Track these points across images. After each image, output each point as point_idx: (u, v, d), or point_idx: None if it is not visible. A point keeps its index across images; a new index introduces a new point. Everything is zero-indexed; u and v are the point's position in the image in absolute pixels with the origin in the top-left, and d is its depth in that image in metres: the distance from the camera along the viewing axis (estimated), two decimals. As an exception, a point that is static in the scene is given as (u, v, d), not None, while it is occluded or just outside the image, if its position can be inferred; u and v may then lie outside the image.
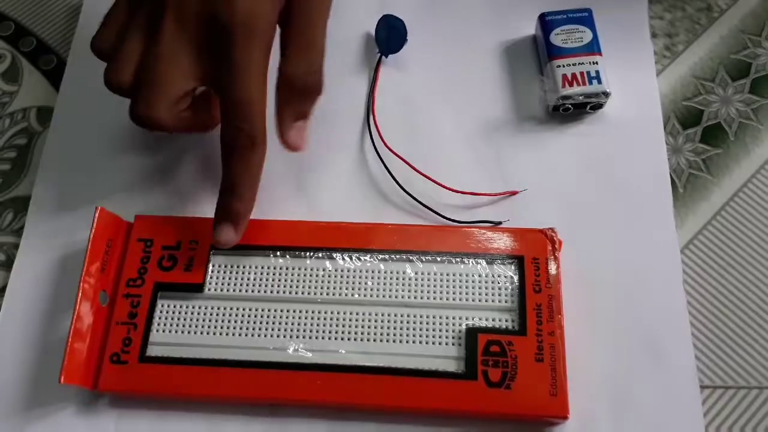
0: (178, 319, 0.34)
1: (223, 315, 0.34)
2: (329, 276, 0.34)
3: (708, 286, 0.35)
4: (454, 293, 0.33)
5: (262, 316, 0.34)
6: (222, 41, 0.31)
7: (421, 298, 0.33)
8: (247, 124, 0.32)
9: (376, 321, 0.33)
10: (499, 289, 0.33)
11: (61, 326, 0.35)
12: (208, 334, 0.33)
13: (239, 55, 0.31)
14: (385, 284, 0.34)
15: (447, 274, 0.34)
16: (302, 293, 0.34)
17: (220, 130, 0.33)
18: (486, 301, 0.33)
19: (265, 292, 0.34)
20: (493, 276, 0.34)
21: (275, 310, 0.34)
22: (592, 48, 0.38)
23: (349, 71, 0.42)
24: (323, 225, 0.36)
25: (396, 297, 0.34)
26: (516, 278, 0.33)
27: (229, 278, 0.35)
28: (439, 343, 0.32)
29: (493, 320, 0.33)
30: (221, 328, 0.33)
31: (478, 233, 0.35)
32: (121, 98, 0.37)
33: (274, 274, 0.34)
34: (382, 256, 0.34)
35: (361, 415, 0.32)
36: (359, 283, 0.34)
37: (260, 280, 0.34)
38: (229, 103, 0.32)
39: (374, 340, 0.33)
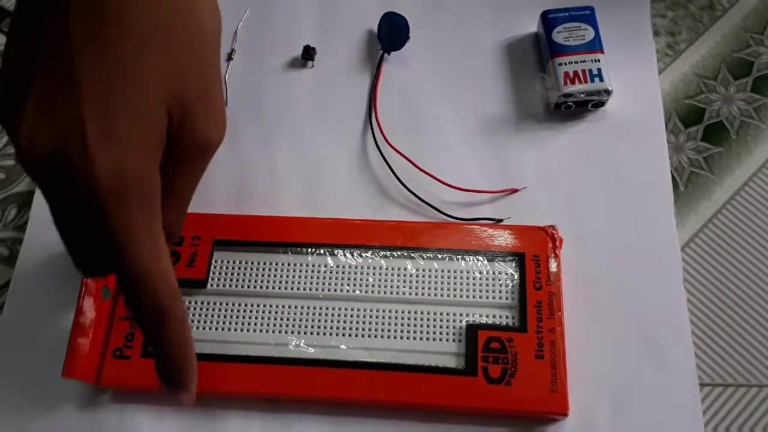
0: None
1: (225, 310, 0.34)
2: (331, 272, 0.34)
3: (708, 285, 0.35)
4: (454, 290, 0.34)
5: (263, 312, 0.34)
6: (89, 206, 0.23)
7: (422, 294, 0.34)
8: (149, 297, 0.25)
9: (377, 317, 0.33)
10: (500, 285, 0.34)
11: (64, 321, 0.35)
12: (210, 329, 0.34)
13: (115, 224, 0.24)
14: (386, 281, 0.34)
15: (448, 271, 0.34)
16: (304, 289, 0.34)
17: (124, 300, 0.28)
18: (486, 297, 0.33)
19: (267, 288, 0.34)
20: (493, 273, 0.34)
21: (277, 306, 0.34)
22: (594, 46, 0.38)
23: (351, 68, 0.42)
24: (325, 221, 0.36)
25: (397, 293, 0.34)
26: (516, 275, 0.34)
27: (232, 274, 0.35)
28: (440, 340, 0.33)
29: (494, 317, 0.33)
30: (223, 323, 0.34)
31: (479, 230, 0.35)
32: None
33: (276, 271, 0.35)
34: (384, 253, 0.35)
35: (361, 411, 0.33)
36: (360, 280, 0.34)
37: (262, 276, 0.35)
38: (120, 276, 0.25)
39: (375, 336, 0.33)
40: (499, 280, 0.34)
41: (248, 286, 0.34)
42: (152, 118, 0.24)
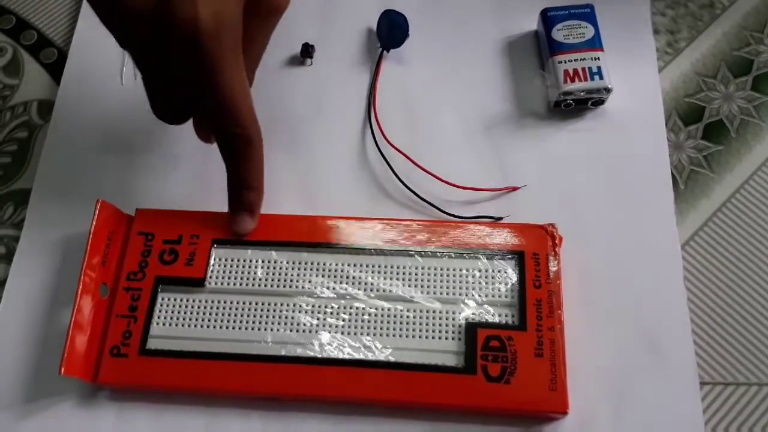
0: (179, 312, 0.34)
1: (224, 309, 0.34)
2: (329, 270, 0.34)
3: (708, 283, 0.35)
4: (454, 288, 0.33)
5: (262, 310, 0.34)
6: (189, 46, 0.28)
7: (422, 292, 0.33)
8: (238, 126, 0.31)
9: (376, 315, 0.33)
10: (499, 284, 0.33)
11: (62, 319, 0.35)
12: (208, 327, 0.33)
13: (214, 60, 0.29)
14: (385, 279, 0.34)
15: (447, 269, 0.34)
16: (303, 287, 0.34)
17: (213, 133, 0.33)
18: (486, 296, 0.33)
19: (265, 286, 0.34)
20: (493, 271, 0.34)
21: (275, 304, 0.34)
22: (594, 44, 0.38)
23: (351, 66, 0.42)
24: (324, 220, 0.36)
25: (396, 292, 0.34)
26: (516, 274, 0.33)
27: (230, 272, 0.35)
28: (439, 338, 0.32)
29: (493, 315, 0.33)
30: (222, 321, 0.33)
31: (479, 229, 0.35)
32: (122, 93, 0.37)
33: (275, 269, 0.34)
34: (383, 251, 0.34)
35: (360, 409, 0.32)
36: (359, 278, 0.34)
37: (261, 274, 0.34)
38: (214, 109, 0.31)
39: (374, 335, 0.33)
40: (499, 278, 0.34)
41: (247, 285, 0.34)
42: None
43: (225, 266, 0.35)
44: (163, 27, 0.28)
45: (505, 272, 0.34)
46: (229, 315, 0.34)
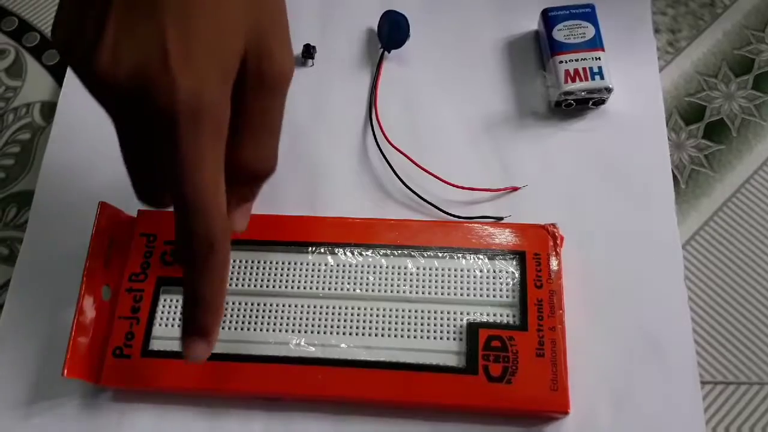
0: (181, 313, 0.34)
1: (226, 309, 0.34)
2: (331, 271, 0.34)
3: (709, 282, 0.35)
4: (455, 288, 0.34)
5: (264, 311, 0.34)
6: (164, 128, 0.24)
7: (423, 293, 0.34)
8: (201, 227, 0.25)
9: (377, 316, 0.33)
10: (501, 284, 0.33)
11: (64, 320, 0.35)
12: (210, 328, 0.33)
13: (186, 148, 0.24)
14: (386, 279, 0.34)
15: (448, 270, 0.34)
16: (304, 288, 0.34)
17: (176, 231, 0.27)
18: (487, 296, 0.33)
19: (267, 287, 0.34)
20: (494, 271, 0.34)
21: (277, 305, 0.34)
22: (595, 44, 0.38)
23: (351, 66, 0.42)
24: (325, 220, 0.36)
25: (397, 292, 0.34)
26: (517, 273, 0.34)
27: (232, 273, 0.35)
28: (440, 338, 0.33)
29: (494, 315, 0.33)
30: (223, 322, 0.34)
31: (480, 229, 0.35)
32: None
33: (276, 269, 0.35)
34: (384, 252, 0.35)
35: (362, 409, 0.33)
36: (361, 278, 0.34)
37: (262, 275, 0.34)
38: (178, 202, 0.25)
39: (376, 335, 0.33)
40: (500, 278, 0.34)
41: (248, 285, 0.34)
42: (231, 44, 0.25)
43: (227, 267, 0.35)
44: (137, 104, 0.24)
45: (506, 272, 0.34)
46: (230, 316, 0.34)
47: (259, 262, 0.35)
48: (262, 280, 0.34)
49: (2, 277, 0.38)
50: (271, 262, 0.35)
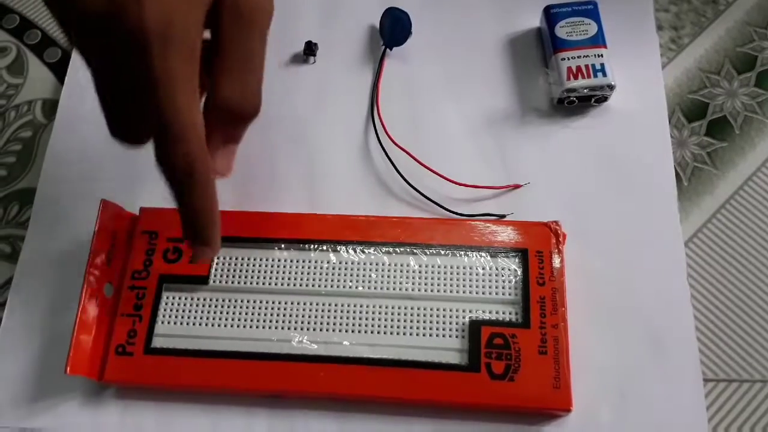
0: (183, 310, 0.34)
1: (228, 307, 0.34)
2: (333, 268, 0.34)
3: (712, 280, 0.35)
4: (457, 286, 0.33)
5: (266, 308, 0.34)
6: (135, 52, 0.25)
7: (425, 290, 0.34)
8: (179, 147, 0.26)
9: (380, 313, 0.33)
10: (503, 281, 0.33)
11: (67, 318, 0.35)
12: (212, 325, 0.34)
13: (158, 69, 0.25)
14: (389, 277, 0.34)
15: (451, 267, 0.34)
16: (306, 285, 0.34)
17: (154, 153, 0.28)
18: (490, 293, 0.33)
19: (269, 284, 0.34)
20: (496, 269, 0.34)
21: (280, 302, 0.34)
22: (597, 41, 0.38)
23: (353, 64, 0.42)
24: (327, 218, 0.36)
25: (400, 289, 0.34)
26: (520, 271, 0.34)
27: (234, 270, 0.35)
28: (443, 336, 0.33)
29: (497, 313, 0.33)
30: (226, 320, 0.34)
31: (482, 226, 0.35)
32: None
33: (278, 267, 0.35)
34: (386, 249, 0.35)
35: (364, 407, 0.33)
36: (363, 276, 0.34)
37: (265, 272, 0.34)
38: (155, 126, 0.27)
39: (378, 333, 0.33)
40: (502, 276, 0.34)
41: (250, 283, 0.34)
42: None
43: (229, 264, 0.35)
44: (110, 29, 0.25)
45: (509, 270, 0.34)
46: (233, 313, 0.34)
47: (261, 260, 0.35)
48: (264, 278, 0.34)
49: (4, 275, 0.38)
50: (273, 260, 0.35)
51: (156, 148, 0.27)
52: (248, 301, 0.34)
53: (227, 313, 0.34)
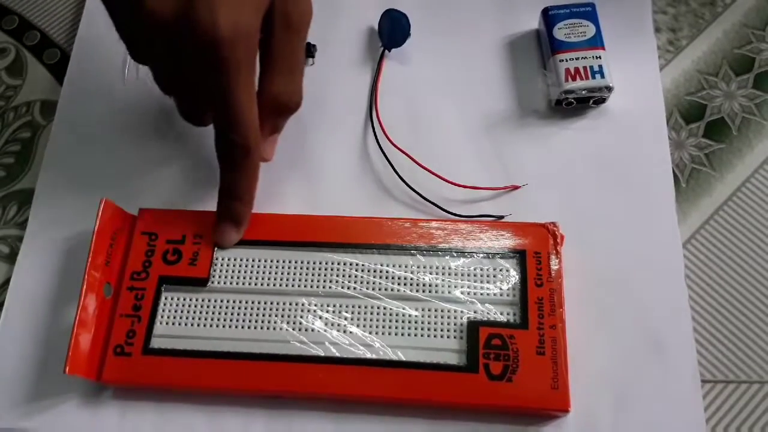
0: (182, 312, 0.34)
1: (227, 308, 0.34)
2: (331, 269, 0.34)
3: (710, 281, 0.35)
4: (456, 287, 0.34)
5: (265, 309, 0.34)
6: (206, 57, 0.29)
7: (423, 291, 0.34)
8: (239, 136, 0.32)
9: (378, 314, 0.33)
10: (501, 282, 0.33)
11: (65, 318, 0.35)
12: (211, 326, 0.34)
13: (226, 71, 0.30)
14: (387, 278, 0.34)
15: (449, 268, 0.34)
16: (305, 286, 0.34)
17: (214, 139, 0.33)
18: (488, 294, 0.33)
19: (268, 285, 0.34)
20: (494, 270, 0.34)
21: (278, 303, 0.34)
22: (596, 42, 0.38)
23: (352, 65, 0.42)
24: (326, 219, 0.36)
25: (398, 290, 0.34)
26: (518, 272, 0.34)
27: (234, 272, 0.35)
28: (441, 336, 0.33)
29: (495, 313, 0.33)
30: (225, 321, 0.34)
31: (480, 227, 0.35)
32: (124, 93, 0.37)
33: (277, 268, 0.35)
34: (384, 250, 0.35)
35: (362, 408, 0.33)
36: (361, 277, 0.34)
37: (264, 273, 0.35)
38: (219, 117, 0.32)
39: (376, 333, 0.33)
40: (501, 276, 0.34)
41: (250, 284, 0.34)
42: None
43: (228, 266, 0.35)
44: (182, 34, 0.29)
45: (507, 271, 0.34)
46: (232, 314, 0.34)
47: (260, 261, 0.35)
48: (262, 279, 0.34)
49: (3, 276, 0.38)
50: (271, 261, 0.35)
51: (217, 132, 0.32)
52: (247, 303, 0.34)
53: (226, 314, 0.34)
